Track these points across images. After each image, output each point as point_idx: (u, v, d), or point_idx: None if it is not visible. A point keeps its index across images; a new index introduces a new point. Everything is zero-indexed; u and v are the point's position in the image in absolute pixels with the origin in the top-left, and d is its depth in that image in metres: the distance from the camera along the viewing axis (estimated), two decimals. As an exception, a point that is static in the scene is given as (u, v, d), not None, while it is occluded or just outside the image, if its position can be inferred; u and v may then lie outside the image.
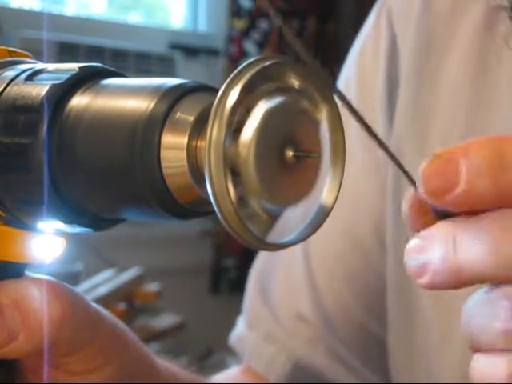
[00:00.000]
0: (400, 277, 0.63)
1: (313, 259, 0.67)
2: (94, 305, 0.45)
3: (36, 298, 0.40)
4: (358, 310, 0.67)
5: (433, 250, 0.31)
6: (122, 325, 0.47)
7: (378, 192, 0.65)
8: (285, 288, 0.69)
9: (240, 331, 0.71)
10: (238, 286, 2.35)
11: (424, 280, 0.32)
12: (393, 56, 0.64)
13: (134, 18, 2.52)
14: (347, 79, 0.68)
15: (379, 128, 0.63)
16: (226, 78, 0.31)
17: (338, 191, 0.34)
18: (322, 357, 0.67)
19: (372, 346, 0.67)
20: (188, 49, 2.34)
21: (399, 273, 0.63)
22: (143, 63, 2.19)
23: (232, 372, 0.71)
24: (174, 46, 2.31)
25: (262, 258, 0.72)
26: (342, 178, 0.34)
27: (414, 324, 0.63)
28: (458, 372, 0.58)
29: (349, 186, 0.62)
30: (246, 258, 2.28)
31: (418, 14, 0.63)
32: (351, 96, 0.66)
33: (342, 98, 0.30)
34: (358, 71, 0.67)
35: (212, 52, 2.39)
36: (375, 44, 0.65)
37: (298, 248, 0.68)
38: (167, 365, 0.55)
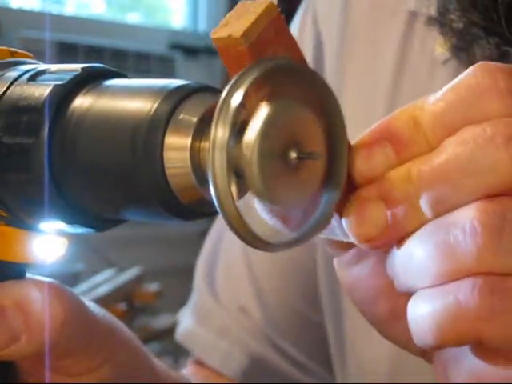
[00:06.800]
0: (329, 263, 0.62)
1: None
2: (92, 305, 0.44)
3: (38, 300, 0.40)
4: (298, 299, 0.65)
5: None
6: (119, 323, 0.47)
7: None
8: (227, 280, 0.68)
9: (188, 326, 0.69)
10: (237, 286, 2.34)
11: None
12: (319, 54, 0.63)
13: (134, 17, 2.52)
14: None
15: None
16: (226, 79, 0.31)
17: (340, 192, 0.34)
18: (269, 351, 0.65)
19: (315, 337, 0.65)
20: (188, 49, 2.34)
21: (328, 259, 0.62)
22: (143, 63, 2.20)
23: (187, 371, 0.69)
24: (174, 46, 2.31)
25: (206, 249, 0.71)
26: (343, 178, 0.34)
27: (342, 311, 0.62)
28: (386, 362, 0.58)
29: None
30: (246, 258, 2.27)
31: (339, 16, 0.62)
32: None
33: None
34: None
35: (212, 52, 2.39)
36: (301, 43, 0.63)
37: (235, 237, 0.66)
38: (165, 366, 0.55)
